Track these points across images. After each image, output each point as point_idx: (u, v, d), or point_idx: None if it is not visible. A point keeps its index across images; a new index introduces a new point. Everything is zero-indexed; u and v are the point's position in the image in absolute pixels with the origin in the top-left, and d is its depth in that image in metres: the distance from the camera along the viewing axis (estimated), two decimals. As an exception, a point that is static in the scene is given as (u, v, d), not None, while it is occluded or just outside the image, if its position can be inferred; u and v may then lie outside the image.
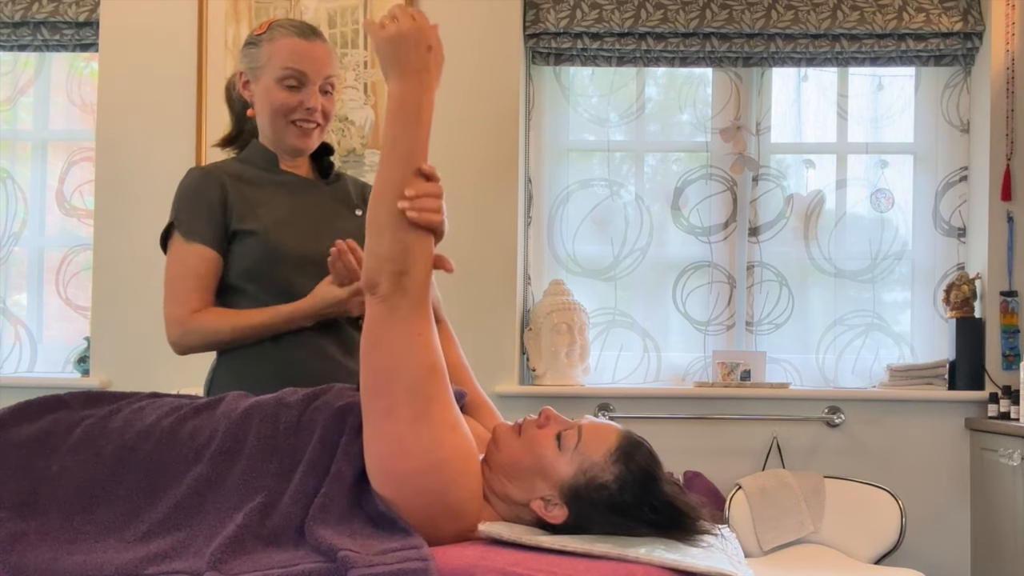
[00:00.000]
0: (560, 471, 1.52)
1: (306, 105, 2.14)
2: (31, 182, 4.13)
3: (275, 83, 2.14)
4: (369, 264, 1.53)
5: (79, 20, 3.92)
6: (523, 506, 1.54)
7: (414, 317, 1.51)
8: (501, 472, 1.55)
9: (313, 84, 2.15)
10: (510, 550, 1.42)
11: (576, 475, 1.51)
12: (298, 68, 2.13)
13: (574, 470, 1.52)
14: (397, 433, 1.46)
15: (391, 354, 1.49)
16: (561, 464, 1.52)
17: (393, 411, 1.47)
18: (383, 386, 1.48)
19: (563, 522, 1.51)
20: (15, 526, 1.44)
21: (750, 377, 3.80)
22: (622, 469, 1.52)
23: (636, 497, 1.51)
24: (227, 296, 2.16)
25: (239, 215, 2.12)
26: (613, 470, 1.51)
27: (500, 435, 1.59)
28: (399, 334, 1.50)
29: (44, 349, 4.10)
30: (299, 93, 2.14)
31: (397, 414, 1.46)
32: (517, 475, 1.54)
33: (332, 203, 2.23)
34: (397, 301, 1.50)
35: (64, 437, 1.55)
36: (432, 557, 1.34)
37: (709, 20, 3.82)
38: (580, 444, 1.53)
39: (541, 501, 1.52)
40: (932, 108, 3.95)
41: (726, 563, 1.45)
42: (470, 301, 3.73)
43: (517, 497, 1.53)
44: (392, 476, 1.45)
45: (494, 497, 1.56)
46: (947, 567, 3.69)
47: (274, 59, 2.13)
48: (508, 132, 3.79)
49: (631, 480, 1.51)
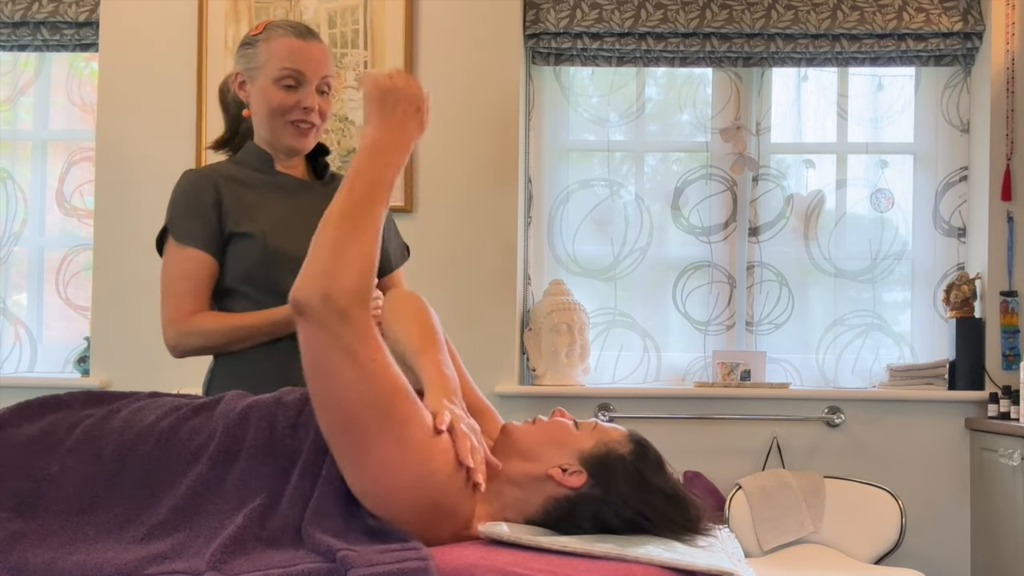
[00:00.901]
0: (580, 442, 1.58)
1: (303, 105, 2.14)
2: (31, 182, 4.13)
3: (272, 83, 2.13)
4: (302, 283, 1.44)
5: (79, 20, 3.92)
6: (539, 479, 1.54)
7: (361, 342, 1.43)
8: (515, 454, 1.57)
9: (310, 84, 2.15)
10: (510, 550, 1.42)
11: (596, 445, 1.57)
12: (295, 68, 2.13)
13: (594, 441, 1.58)
14: (380, 461, 1.43)
15: (348, 387, 1.42)
16: (580, 438, 1.59)
17: (369, 444, 1.42)
18: (350, 422, 1.43)
19: (581, 486, 1.53)
20: (15, 526, 1.44)
21: (750, 377, 3.80)
22: (638, 447, 1.59)
23: (652, 472, 1.57)
24: (225, 299, 2.16)
25: (235, 218, 2.12)
26: (629, 446, 1.58)
27: (512, 427, 1.63)
28: (350, 366, 1.42)
29: (44, 349, 4.10)
30: (296, 93, 2.14)
31: (375, 446, 1.42)
32: (534, 451, 1.57)
33: (328, 204, 2.22)
34: (338, 328, 1.42)
35: (64, 437, 1.55)
36: (431, 557, 1.34)
37: (709, 20, 3.82)
38: (596, 428, 1.61)
39: (559, 468, 1.54)
40: (932, 108, 3.95)
41: (726, 562, 1.45)
42: (470, 301, 3.73)
43: (534, 471, 1.55)
44: (383, 499, 1.44)
45: (504, 485, 1.55)
46: (947, 567, 3.69)
47: (271, 59, 2.13)
48: (508, 132, 3.79)
49: (646, 458, 1.58)
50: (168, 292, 2.12)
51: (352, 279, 1.44)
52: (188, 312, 2.10)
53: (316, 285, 1.42)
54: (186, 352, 2.13)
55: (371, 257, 1.48)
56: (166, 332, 2.12)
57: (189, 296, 2.10)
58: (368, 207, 1.50)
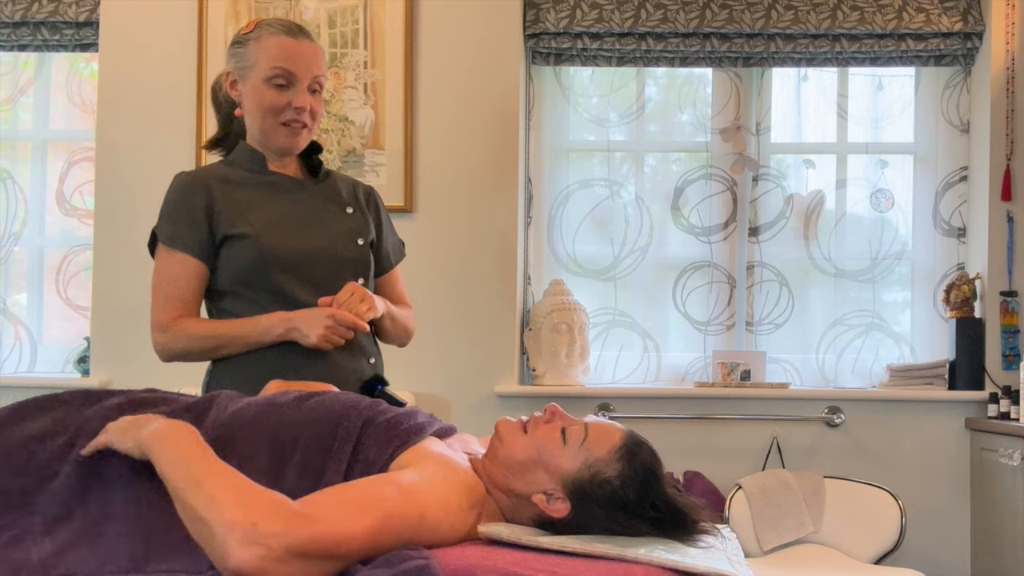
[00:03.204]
0: (564, 465, 1.53)
1: (294, 104, 2.13)
2: (31, 182, 4.13)
3: (263, 82, 2.12)
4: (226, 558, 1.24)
5: (79, 20, 3.92)
6: (525, 499, 1.54)
7: (324, 540, 1.27)
8: (504, 466, 1.56)
9: (301, 83, 2.13)
10: (510, 550, 1.42)
11: (580, 470, 1.52)
12: (286, 67, 2.11)
13: (578, 465, 1.53)
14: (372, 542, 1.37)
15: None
16: (565, 458, 1.54)
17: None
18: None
19: (565, 516, 1.51)
20: (15, 526, 1.44)
21: (750, 377, 3.80)
22: (625, 466, 1.53)
23: (638, 494, 1.52)
24: (221, 300, 2.15)
25: (229, 220, 2.11)
26: (616, 467, 1.53)
27: (504, 430, 1.60)
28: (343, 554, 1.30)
29: (44, 349, 4.10)
30: (287, 92, 2.12)
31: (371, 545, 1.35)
32: (520, 469, 1.54)
33: (323, 202, 2.22)
34: (298, 553, 1.25)
35: (63, 437, 1.55)
36: (433, 556, 1.34)
37: (709, 20, 3.82)
38: (585, 441, 1.55)
39: (543, 495, 1.52)
40: (932, 108, 3.95)
41: (726, 563, 1.45)
42: (470, 301, 3.73)
43: (519, 490, 1.54)
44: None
45: (496, 490, 1.56)
46: (947, 567, 3.69)
47: (262, 58, 2.12)
48: (508, 132, 3.79)
49: (634, 477, 1.53)
50: (156, 296, 2.13)
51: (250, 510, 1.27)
52: (174, 316, 2.10)
53: (233, 544, 1.23)
54: (172, 356, 2.14)
55: (239, 486, 1.31)
56: (153, 336, 2.13)
57: (176, 301, 2.10)
58: (192, 471, 1.34)
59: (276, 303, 2.10)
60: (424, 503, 1.40)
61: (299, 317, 2.06)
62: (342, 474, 1.48)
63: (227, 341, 2.09)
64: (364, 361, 2.18)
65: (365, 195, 2.31)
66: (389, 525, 1.34)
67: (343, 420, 1.54)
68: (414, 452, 1.52)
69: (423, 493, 1.41)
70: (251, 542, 1.23)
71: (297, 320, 2.06)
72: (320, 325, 2.04)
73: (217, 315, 2.17)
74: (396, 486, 1.40)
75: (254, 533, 1.23)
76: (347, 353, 2.12)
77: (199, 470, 1.34)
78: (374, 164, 3.78)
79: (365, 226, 2.25)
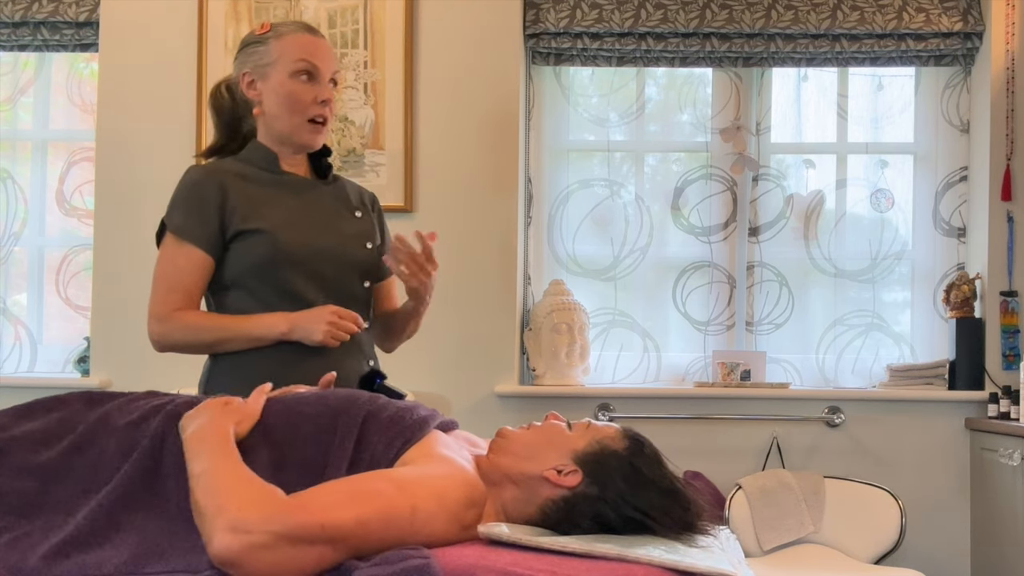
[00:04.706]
0: (573, 443, 1.58)
1: (320, 98, 2.18)
2: (31, 182, 4.13)
3: (289, 77, 2.16)
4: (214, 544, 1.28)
5: (79, 20, 3.92)
6: (536, 478, 1.55)
7: (313, 529, 1.29)
8: (513, 452, 1.59)
9: (324, 77, 2.19)
10: (510, 550, 1.42)
11: (589, 443, 1.58)
12: (311, 61, 2.17)
13: (587, 441, 1.59)
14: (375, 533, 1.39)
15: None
16: (573, 439, 1.59)
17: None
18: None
19: (576, 485, 1.53)
20: (16, 526, 1.44)
21: (750, 377, 3.80)
22: (632, 443, 1.60)
23: (647, 465, 1.57)
24: (228, 292, 2.16)
25: (242, 215, 2.13)
26: (624, 443, 1.59)
27: (507, 431, 1.64)
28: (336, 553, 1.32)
29: (44, 349, 4.10)
30: (313, 86, 2.18)
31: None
32: (530, 452, 1.58)
33: (333, 203, 2.25)
34: (293, 538, 1.28)
35: (65, 437, 1.55)
36: (432, 556, 1.34)
37: (709, 20, 3.82)
38: (590, 427, 1.62)
39: (554, 470, 1.55)
40: (932, 108, 3.95)
41: (726, 563, 1.45)
42: (470, 301, 3.73)
43: (530, 470, 1.56)
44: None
45: (502, 481, 1.57)
46: (947, 567, 3.69)
47: (285, 54, 2.16)
48: (508, 132, 3.79)
49: (641, 452, 1.59)
50: (159, 285, 2.13)
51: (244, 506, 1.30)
52: (175, 307, 2.11)
53: (218, 530, 1.26)
54: (169, 347, 2.14)
55: (242, 478, 1.36)
56: (150, 324, 2.13)
57: (179, 292, 2.11)
58: (203, 465, 1.39)
59: (282, 300, 2.11)
60: (416, 495, 1.41)
61: (302, 316, 2.09)
62: (344, 472, 1.48)
63: (229, 335, 2.10)
64: (364, 362, 2.21)
65: (371, 201, 2.36)
66: (378, 515, 1.35)
67: (342, 414, 1.54)
68: (418, 450, 1.52)
69: (416, 486, 1.42)
70: (235, 529, 1.25)
71: (300, 319, 2.08)
72: (323, 321, 2.07)
73: (218, 310, 2.18)
74: (389, 479, 1.42)
75: (239, 520, 1.26)
76: (347, 353, 2.13)
77: (209, 464, 1.38)
78: (374, 164, 3.78)
79: (372, 231, 2.29)
